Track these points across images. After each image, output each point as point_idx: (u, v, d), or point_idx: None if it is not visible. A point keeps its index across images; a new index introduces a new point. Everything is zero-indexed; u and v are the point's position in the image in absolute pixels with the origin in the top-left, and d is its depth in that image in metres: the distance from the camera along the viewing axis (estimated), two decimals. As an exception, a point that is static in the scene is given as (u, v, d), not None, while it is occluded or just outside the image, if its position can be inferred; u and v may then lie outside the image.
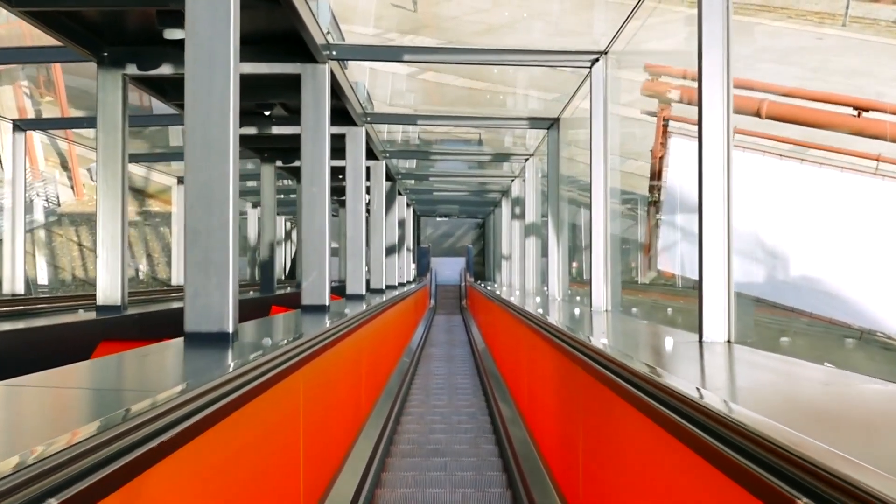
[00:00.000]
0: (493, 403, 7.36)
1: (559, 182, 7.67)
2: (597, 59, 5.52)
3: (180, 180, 13.00)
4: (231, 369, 2.38)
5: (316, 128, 5.40)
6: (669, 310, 7.36)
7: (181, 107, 7.13)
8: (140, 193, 22.74)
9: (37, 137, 21.06)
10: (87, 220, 23.40)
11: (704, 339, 3.08)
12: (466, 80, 12.80)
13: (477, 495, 4.62)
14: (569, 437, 3.56)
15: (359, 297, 7.75)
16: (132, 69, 5.42)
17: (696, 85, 3.25)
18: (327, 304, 5.46)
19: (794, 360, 2.50)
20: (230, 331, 3.05)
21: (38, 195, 20.98)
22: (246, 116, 7.67)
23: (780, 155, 13.90)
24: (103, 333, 5.11)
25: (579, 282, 9.58)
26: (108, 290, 5.40)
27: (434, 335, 16.04)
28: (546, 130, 7.85)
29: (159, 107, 8.29)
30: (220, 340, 3.04)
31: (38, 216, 20.95)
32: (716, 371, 2.55)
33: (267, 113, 7.13)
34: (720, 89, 3.13)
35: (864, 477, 1.12)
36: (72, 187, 22.92)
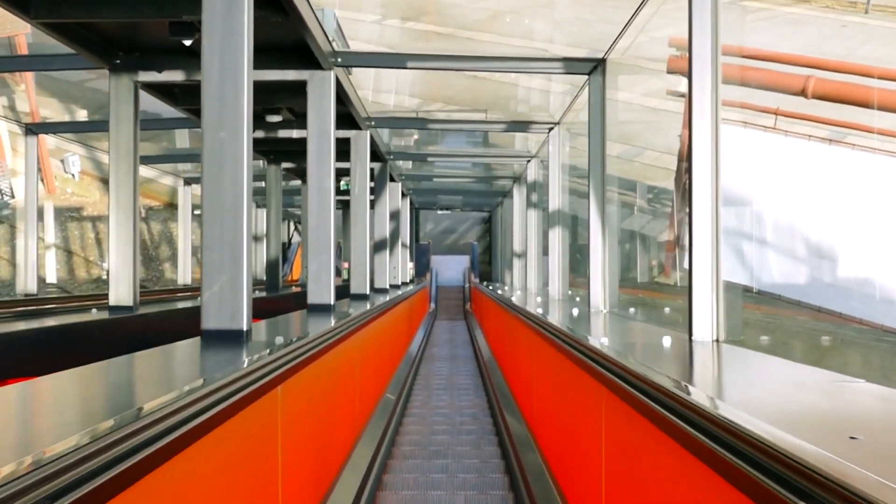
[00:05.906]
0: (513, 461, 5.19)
1: (604, 146, 5.45)
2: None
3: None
4: None
5: (228, 17, 3.12)
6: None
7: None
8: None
9: (2, 125, 19.83)
10: (57, 216, 21.66)
11: None
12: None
13: None
14: None
15: (325, 308, 5.56)
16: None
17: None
18: (245, 327, 3.25)
19: None
20: None
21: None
22: (165, 56, 5.46)
23: (830, 140, 12.36)
24: None
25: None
26: None
27: (434, 345, 13.83)
28: (587, 76, 5.62)
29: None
30: None
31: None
32: None
33: (188, 42, 4.91)
34: None
35: None
36: (42, 180, 21.05)
